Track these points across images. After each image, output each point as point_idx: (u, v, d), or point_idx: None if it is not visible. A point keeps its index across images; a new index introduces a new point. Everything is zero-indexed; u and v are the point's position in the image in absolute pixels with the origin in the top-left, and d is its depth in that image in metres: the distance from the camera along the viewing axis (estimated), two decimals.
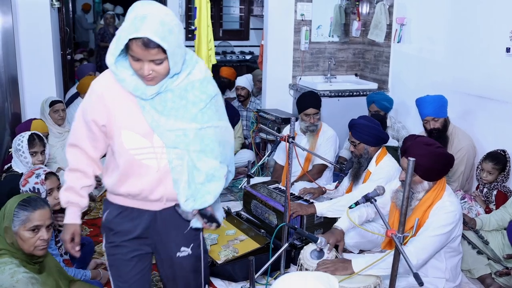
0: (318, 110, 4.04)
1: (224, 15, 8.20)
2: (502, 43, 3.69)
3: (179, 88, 1.80)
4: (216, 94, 1.90)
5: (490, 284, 3.05)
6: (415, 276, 2.02)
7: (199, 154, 1.84)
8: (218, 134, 1.90)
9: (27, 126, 3.87)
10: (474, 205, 3.50)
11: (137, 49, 1.68)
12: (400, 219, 2.11)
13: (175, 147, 1.82)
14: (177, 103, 1.80)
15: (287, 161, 2.92)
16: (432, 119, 3.80)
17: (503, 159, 3.51)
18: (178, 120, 1.80)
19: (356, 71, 5.61)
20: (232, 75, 6.35)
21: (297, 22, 5.24)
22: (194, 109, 1.82)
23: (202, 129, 1.84)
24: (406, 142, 2.64)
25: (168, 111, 1.80)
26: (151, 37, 1.64)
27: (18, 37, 4.70)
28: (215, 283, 3.11)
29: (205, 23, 4.23)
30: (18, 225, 2.20)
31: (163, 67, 1.73)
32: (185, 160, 1.83)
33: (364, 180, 3.50)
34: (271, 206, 3.60)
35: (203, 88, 1.84)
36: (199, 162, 1.84)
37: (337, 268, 2.51)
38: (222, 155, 1.93)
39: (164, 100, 1.80)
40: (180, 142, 1.82)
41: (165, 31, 1.66)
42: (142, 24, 1.64)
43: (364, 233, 3.26)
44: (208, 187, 1.86)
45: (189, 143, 1.82)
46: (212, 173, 1.87)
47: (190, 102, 1.82)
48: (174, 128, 1.80)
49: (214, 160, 1.88)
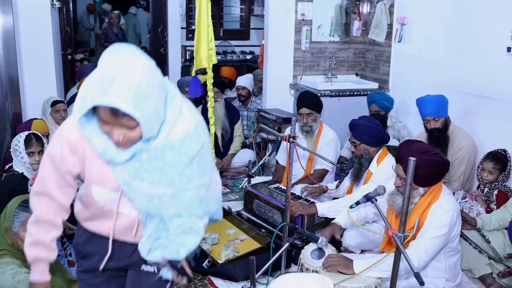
0: (312, 111, 3.99)
1: (224, 14, 8.20)
2: (503, 42, 3.69)
3: (156, 148, 1.57)
4: (199, 149, 1.63)
5: (491, 283, 3.05)
6: (416, 276, 2.02)
7: (173, 218, 1.64)
8: (200, 193, 1.66)
9: (27, 126, 3.87)
10: (475, 204, 3.50)
11: (105, 115, 1.46)
12: (400, 219, 2.11)
13: (147, 212, 1.65)
14: (152, 165, 1.57)
15: (288, 161, 2.91)
16: (433, 119, 3.79)
17: (503, 159, 3.51)
18: (153, 184, 1.58)
19: (356, 71, 5.60)
20: (233, 75, 6.36)
21: (298, 22, 5.24)
22: (171, 171, 1.58)
23: (180, 192, 1.61)
24: (401, 150, 2.61)
25: (141, 173, 1.58)
26: (119, 106, 1.39)
27: (19, 37, 4.70)
28: (215, 282, 3.11)
29: (205, 23, 4.22)
30: (18, 226, 2.21)
31: (136, 132, 1.50)
32: (156, 219, 1.67)
33: (366, 180, 3.49)
34: (274, 205, 3.60)
35: (183, 148, 1.59)
36: (173, 223, 1.65)
37: (340, 264, 2.53)
38: (204, 212, 1.72)
39: (138, 161, 1.58)
40: (152, 207, 1.62)
41: (138, 97, 1.41)
42: (110, 87, 1.39)
43: (366, 233, 3.26)
44: (184, 239, 1.65)
45: (163, 208, 1.62)
46: (190, 226, 1.66)
47: (167, 163, 1.58)
48: (147, 192, 1.59)
49: (192, 218, 1.67)
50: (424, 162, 2.46)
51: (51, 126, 4.39)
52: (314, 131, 4.06)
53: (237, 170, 5.22)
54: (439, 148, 3.70)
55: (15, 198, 2.31)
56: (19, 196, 2.35)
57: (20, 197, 2.32)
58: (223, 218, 3.84)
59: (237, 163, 5.22)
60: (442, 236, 2.55)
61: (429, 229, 2.55)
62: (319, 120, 4.09)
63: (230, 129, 5.25)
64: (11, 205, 2.27)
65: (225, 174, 5.16)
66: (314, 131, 4.06)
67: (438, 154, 2.58)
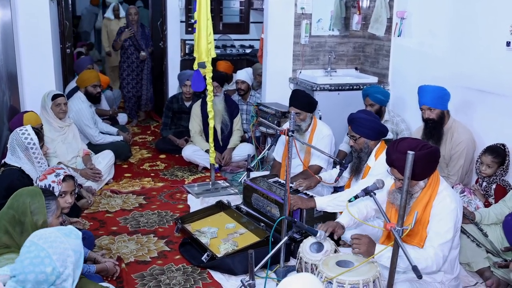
0: (300, 111, 3.96)
1: (224, 8, 8.17)
2: (503, 37, 3.68)
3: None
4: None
5: (489, 277, 3.07)
6: (414, 269, 2.03)
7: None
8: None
9: (19, 119, 3.86)
10: (473, 198, 3.51)
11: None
12: (399, 212, 2.11)
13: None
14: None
15: (286, 154, 2.91)
16: (428, 108, 3.80)
17: (502, 153, 3.51)
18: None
19: (356, 65, 5.59)
20: (229, 69, 6.35)
21: (297, 16, 5.22)
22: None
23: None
24: (390, 154, 2.58)
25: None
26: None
27: (17, 30, 4.69)
28: (214, 276, 3.12)
29: (204, 17, 4.21)
30: (51, 216, 2.28)
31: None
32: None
33: (364, 174, 3.49)
34: (273, 199, 3.60)
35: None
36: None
37: (365, 250, 2.53)
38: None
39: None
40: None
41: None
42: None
43: (364, 227, 3.26)
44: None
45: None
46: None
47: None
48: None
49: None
50: (416, 158, 2.44)
51: (51, 120, 4.40)
52: (304, 129, 4.05)
53: (237, 164, 5.23)
54: (432, 142, 3.71)
55: (25, 193, 2.31)
56: (27, 190, 2.35)
57: (29, 190, 2.34)
58: (223, 211, 3.86)
59: (236, 157, 5.22)
60: (452, 237, 2.57)
61: (439, 234, 2.54)
62: (309, 119, 4.06)
63: (230, 123, 5.26)
64: (33, 200, 2.28)
65: (224, 168, 5.16)
66: (303, 129, 4.04)
67: (425, 146, 2.55)
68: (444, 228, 2.55)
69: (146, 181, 4.83)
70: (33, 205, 2.27)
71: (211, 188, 4.63)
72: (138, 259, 3.33)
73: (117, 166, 5.06)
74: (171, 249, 3.48)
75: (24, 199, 2.27)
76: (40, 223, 2.24)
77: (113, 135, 5.36)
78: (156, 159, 5.55)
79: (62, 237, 1.74)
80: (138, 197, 4.43)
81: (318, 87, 4.88)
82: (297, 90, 4.24)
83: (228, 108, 5.22)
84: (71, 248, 1.73)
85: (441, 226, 2.56)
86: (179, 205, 4.27)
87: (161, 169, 5.21)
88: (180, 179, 4.93)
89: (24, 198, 2.28)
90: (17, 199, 2.28)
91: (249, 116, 5.69)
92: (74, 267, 1.73)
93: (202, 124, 5.22)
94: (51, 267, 1.67)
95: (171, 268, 3.22)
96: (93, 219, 3.95)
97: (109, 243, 3.54)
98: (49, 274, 1.66)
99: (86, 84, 5.09)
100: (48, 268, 1.66)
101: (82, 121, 4.96)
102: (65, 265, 1.69)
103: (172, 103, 5.79)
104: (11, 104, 4.55)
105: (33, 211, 2.26)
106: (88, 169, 4.46)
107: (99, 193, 4.47)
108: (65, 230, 1.79)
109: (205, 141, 5.16)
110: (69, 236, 1.76)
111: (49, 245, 1.71)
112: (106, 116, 5.95)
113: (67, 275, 1.71)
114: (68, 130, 4.55)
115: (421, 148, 2.52)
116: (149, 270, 3.20)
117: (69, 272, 1.72)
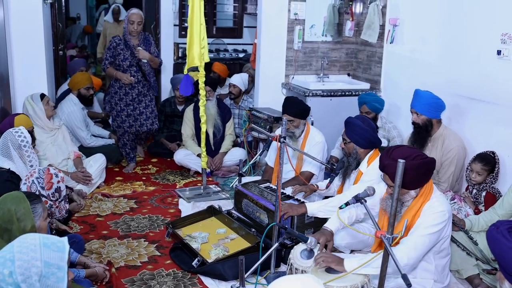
0: (293, 118, 3.98)
1: (217, 12, 8.19)
2: (493, 45, 3.72)
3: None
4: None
5: (478, 284, 3.08)
6: (403, 277, 2.03)
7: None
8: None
9: (10, 122, 3.83)
10: (464, 206, 3.53)
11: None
12: (389, 220, 2.12)
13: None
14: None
15: (278, 160, 2.91)
16: (415, 112, 3.85)
17: (492, 160, 3.54)
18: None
19: (348, 71, 5.62)
20: (223, 72, 6.37)
21: (291, 21, 5.24)
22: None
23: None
24: (384, 160, 2.60)
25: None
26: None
27: (10, 32, 4.66)
28: (205, 282, 3.11)
29: (197, 21, 4.21)
30: (38, 219, 2.27)
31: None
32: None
33: (356, 180, 3.51)
34: (262, 205, 3.60)
35: None
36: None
37: (333, 261, 2.54)
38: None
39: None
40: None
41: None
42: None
43: (355, 234, 3.28)
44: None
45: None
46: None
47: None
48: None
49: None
50: (408, 167, 2.44)
51: (40, 122, 4.34)
52: (297, 136, 4.06)
53: (228, 168, 5.22)
54: (416, 145, 3.77)
55: (8, 200, 2.27)
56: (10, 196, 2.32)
57: (13, 196, 2.31)
58: (214, 216, 3.86)
59: (228, 162, 5.22)
60: (432, 235, 2.57)
61: (419, 228, 2.57)
62: (302, 125, 4.07)
63: (222, 127, 5.25)
64: (19, 207, 2.25)
65: (216, 172, 5.15)
66: (296, 136, 4.06)
67: (419, 156, 2.57)
68: (427, 223, 2.56)
69: (138, 185, 4.82)
70: (18, 212, 2.23)
71: (202, 192, 4.62)
72: (128, 264, 3.31)
73: (109, 170, 5.04)
74: (162, 254, 3.46)
75: (9, 207, 2.24)
76: (29, 228, 2.22)
77: (105, 138, 5.34)
78: (147, 162, 5.53)
79: (38, 246, 1.71)
80: (129, 201, 4.41)
81: (311, 93, 4.89)
82: (290, 97, 4.24)
83: (221, 113, 5.22)
84: (42, 260, 1.70)
85: (424, 221, 2.57)
86: (170, 209, 4.26)
87: (153, 173, 5.20)
88: (171, 183, 4.92)
89: (8, 205, 2.25)
90: (1, 207, 2.24)
91: (241, 120, 5.70)
92: (39, 278, 1.69)
93: (194, 128, 5.21)
94: (9, 271, 1.66)
95: (162, 273, 3.21)
96: (83, 223, 3.92)
97: (99, 247, 3.52)
98: (6, 276, 1.66)
99: (79, 87, 5.07)
100: (6, 271, 1.66)
101: (74, 124, 4.93)
102: (26, 274, 1.67)
103: (164, 107, 5.78)
104: (2, 106, 4.52)
105: (20, 218, 2.23)
106: (79, 172, 4.44)
107: (90, 197, 4.44)
108: (49, 239, 1.75)
109: (197, 145, 5.15)
110: (48, 247, 1.72)
111: (19, 249, 1.70)
112: (98, 119, 5.92)
113: (30, 285, 1.68)
114: (58, 132, 4.52)
115: (415, 158, 2.53)
116: (139, 275, 3.18)
117: (32, 282, 1.69)
